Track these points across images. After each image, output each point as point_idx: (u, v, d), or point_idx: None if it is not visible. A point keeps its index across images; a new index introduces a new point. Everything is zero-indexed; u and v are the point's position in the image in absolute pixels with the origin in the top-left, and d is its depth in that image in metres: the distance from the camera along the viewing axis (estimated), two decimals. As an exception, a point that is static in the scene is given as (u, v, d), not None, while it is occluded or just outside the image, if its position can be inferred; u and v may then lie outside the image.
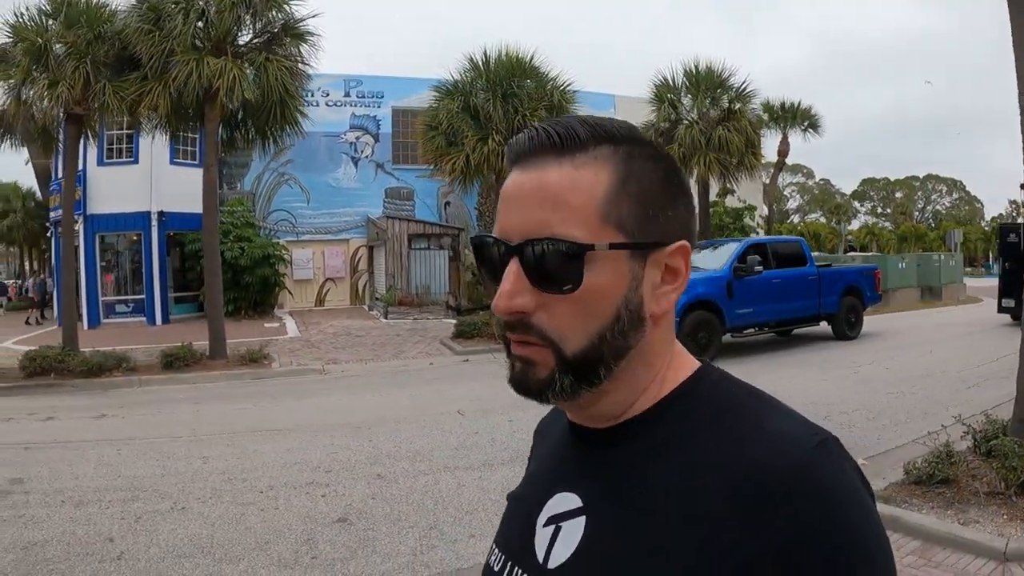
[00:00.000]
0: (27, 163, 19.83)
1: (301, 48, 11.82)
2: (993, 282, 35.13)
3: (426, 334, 14.61)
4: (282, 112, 11.63)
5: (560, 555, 0.68)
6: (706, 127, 15.92)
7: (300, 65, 11.74)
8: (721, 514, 0.59)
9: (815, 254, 30.54)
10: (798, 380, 9.02)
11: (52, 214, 19.07)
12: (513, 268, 0.64)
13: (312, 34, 11.79)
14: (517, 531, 0.75)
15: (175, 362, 10.96)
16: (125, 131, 17.35)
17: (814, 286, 12.20)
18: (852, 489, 0.60)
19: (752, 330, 11.83)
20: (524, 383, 0.67)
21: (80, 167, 15.81)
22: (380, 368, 11.28)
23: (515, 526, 0.76)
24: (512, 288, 0.64)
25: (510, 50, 13.78)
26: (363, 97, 21.49)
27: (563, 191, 0.63)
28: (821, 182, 70.82)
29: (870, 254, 30.50)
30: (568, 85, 13.96)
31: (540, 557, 0.70)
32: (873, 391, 8.13)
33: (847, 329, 12.80)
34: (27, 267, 36.83)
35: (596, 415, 0.70)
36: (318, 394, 9.15)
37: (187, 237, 18.50)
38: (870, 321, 16.78)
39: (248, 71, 11.01)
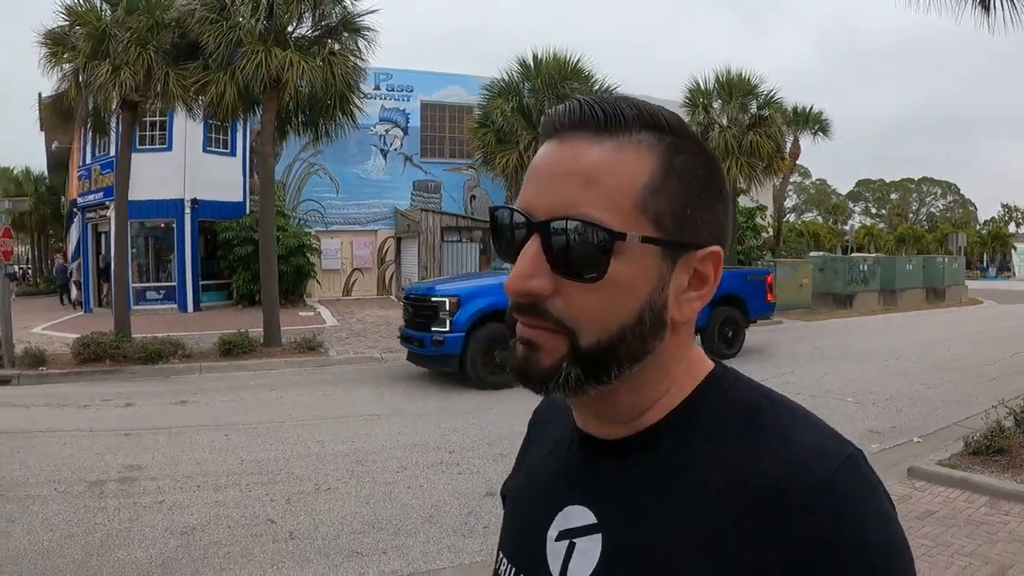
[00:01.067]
0: (54, 147, 19.76)
1: (359, 42, 11.98)
2: (991, 284, 36.06)
3: (468, 326, 14.83)
4: (341, 106, 11.79)
5: (579, 574, 0.65)
6: (739, 132, 16.29)
7: (359, 61, 11.90)
8: (743, 530, 0.56)
9: (818, 254, 30.99)
10: (840, 371, 9.66)
11: (81, 199, 18.99)
12: (532, 247, 0.59)
13: (370, 29, 11.96)
14: (526, 542, 0.71)
15: (233, 349, 11.00)
16: (159, 118, 17.35)
17: None
18: (877, 505, 0.57)
19: None
20: (524, 370, 0.62)
21: (112, 153, 15.83)
22: (438, 358, 11.48)
23: (523, 536, 0.73)
24: (529, 268, 0.59)
25: (557, 52, 14.18)
26: (393, 90, 21.57)
27: (599, 170, 0.58)
28: (817, 182, 71.68)
29: (872, 255, 31.13)
30: (616, 88, 14.30)
31: (556, 573, 0.67)
32: (908, 382, 8.82)
33: (723, 347, 10.45)
34: (33, 253, 36.43)
35: (603, 419, 0.67)
36: (396, 380, 9.26)
37: (219, 225, 18.55)
38: (889, 319, 17.26)
39: (311, 63, 11.15)
